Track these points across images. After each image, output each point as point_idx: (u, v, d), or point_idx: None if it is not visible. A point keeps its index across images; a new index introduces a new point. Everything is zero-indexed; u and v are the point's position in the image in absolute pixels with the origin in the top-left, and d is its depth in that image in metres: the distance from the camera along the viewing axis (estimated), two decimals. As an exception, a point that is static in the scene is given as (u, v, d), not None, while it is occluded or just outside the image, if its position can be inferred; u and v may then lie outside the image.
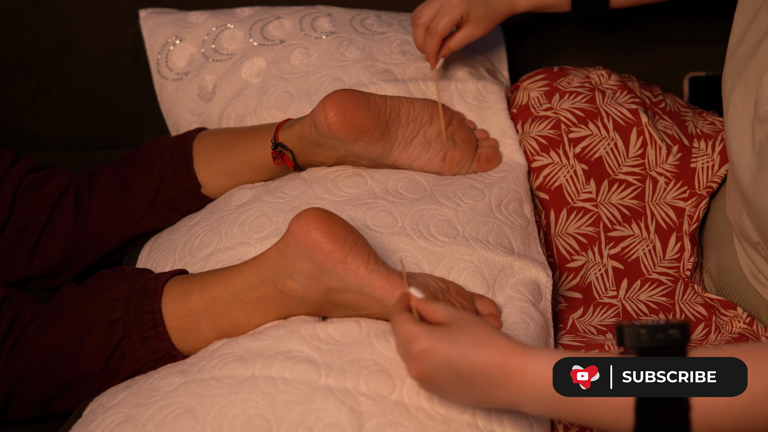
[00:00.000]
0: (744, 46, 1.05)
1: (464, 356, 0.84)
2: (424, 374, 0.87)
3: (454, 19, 1.25)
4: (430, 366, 0.86)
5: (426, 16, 1.25)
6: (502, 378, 0.84)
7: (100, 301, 1.07)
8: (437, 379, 0.86)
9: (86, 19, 1.56)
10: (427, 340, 0.86)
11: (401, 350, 0.90)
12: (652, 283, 1.22)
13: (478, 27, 1.27)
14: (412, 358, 0.87)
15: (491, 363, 0.84)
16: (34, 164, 1.35)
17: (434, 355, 0.85)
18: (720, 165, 1.25)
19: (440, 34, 1.25)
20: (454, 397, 0.90)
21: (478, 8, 1.26)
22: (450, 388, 0.87)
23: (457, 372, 0.85)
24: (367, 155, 1.18)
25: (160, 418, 0.94)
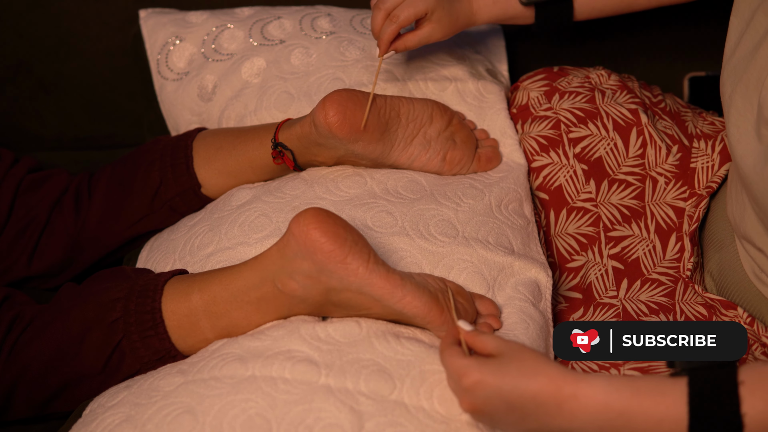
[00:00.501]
0: (742, 49, 1.05)
1: (515, 387, 0.85)
2: (475, 406, 0.87)
3: (418, 13, 1.20)
4: (482, 398, 0.86)
5: (390, 1, 1.21)
6: (554, 406, 0.84)
7: (100, 301, 1.07)
8: (489, 410, 0.87)
9: (86, 19, 1.56)
10: (477, 372, 0.86)
11: (452, 384, 0.90)
12: (652, 283, 1.22)
13: (438, 29, 1.23)
14: (464, 391, 0.87)
15: (542, 392, 0.84)
16: (34, 164, 1.35)
17: (485, 387, 0.86)
18: (720, 165, 1.25)
19: (400, 23, 1.20)
20: (507, 427, 0.89)
21: (443, 8, 1.22)
22: (503, 418, 0.87)
23: (509, 403, 0.85)
24: (367, 155, 1.18)
25: (160, 418, 0.94)
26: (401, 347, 0.98)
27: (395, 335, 1.00)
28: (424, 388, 0.95)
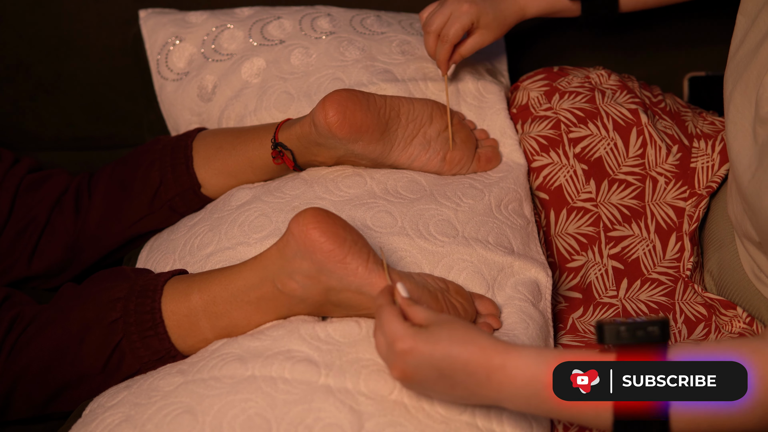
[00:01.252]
0: (745, 47, 1.05)
1: (446, 354, 0.85)
2: (406, 373, 0.88)
3: (464, 26, 1.24)
4: (412, 365, 0.87)
5: (437, 22, 1.25)
6: (484, 376, 0.85)
7: (100, 301, 1.07)
8: (419, 378, 0.87)
9: (86, 19, 1.56)
10: (411, 339, 0.87)
11: (382, 347, 0.90)
12: (652, 282, 1.22)
13: (488, 33, 1.27)
14: (395, 356, 0.88)
15: (472, 361, 0.85)
16: (34, 164, 1.35)
17: (416, 354, 0.86)
18: (720, 165, 1.25)
19: (451, 41, 1.25)
20: (437, 395, 0.91)
21: (488, 14, 1.26)
22: (433, 386, 0.88)
23: (439, 370, 0.86)
24: (367, 155, 1.18)
25: (159, 418, 0.94)
26: (401, 347, 0.98)
27: (395, 335, 1.00)
28: (424, 387, 0.95)
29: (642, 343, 0.83)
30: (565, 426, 0.99)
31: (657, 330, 0.83)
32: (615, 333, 0.83)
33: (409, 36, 1.39)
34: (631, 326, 0.83)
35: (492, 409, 0.95)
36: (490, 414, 0.95)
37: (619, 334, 0.83)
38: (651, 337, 0.83)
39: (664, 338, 0.83)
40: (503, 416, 0.95)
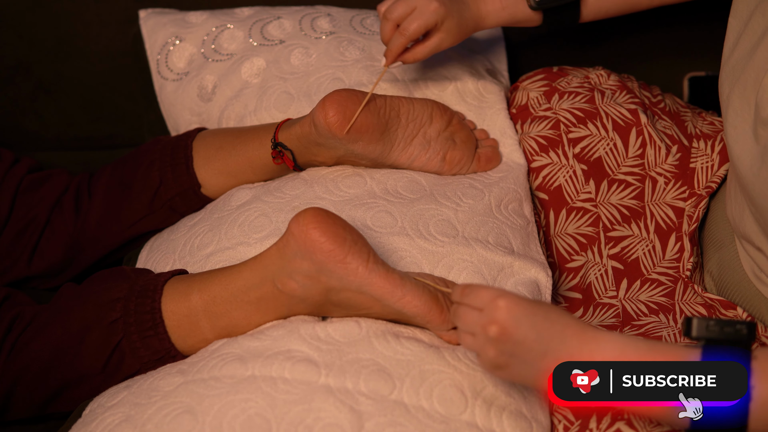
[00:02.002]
0: (739, 50, 1.05)
1: (546, 314, 0.86)
2: (507, 328, 0.86)
3: (428, 24, 1.19)
4: (514, 318, 0.86)
5: (399, 11, 1.19)
6: (576, 345, 0.85)
7: (100, 301, 1.07)
8: (518, 336, 0.86)
9: (86, 19, 1.56)
10: (512, 295, 0.87)
11: (473, 317, 0.89)
12: (652, 283, 1.22)
13: (448, 38, 1.22)
14: (496, 311, 0.86)
15: (570, 326, 0.86)
16: (34, 164, 1.35)
17: (520, 307, 0.86)
18: (719, 165, 1.25)
19: (410, 36, 1.20)
20: (522, 368, 0.88)
21: (453, 18, 1.21)
22: (525, 353, 0.87)
23: (538, 331, 0.86)
24: (367, 155, 1.18)
25: (159, 418, 0.94)
26: (401, 347, 0.98)
27: (395, 335, 1.00)
28: (424, 387, 0.95)
29: (729, 339, 0.84)
30: (565, 426, 0.99)
31: (745, 329, 0.84)
32: (704, 327, 0.84)
33: (409, 36, 1.39)
34: (720, 322, 0.84)
35: (492, 409, 0.95)
36: (490, 414, 0.95)
37: (708, 328, 0.84)
38: (739, 335, 0.84)
39: (751, 338, 0.84)
40: (503, 416, 0.95)
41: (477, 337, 0.89)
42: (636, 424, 0.92)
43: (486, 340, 0.88)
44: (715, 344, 0.84)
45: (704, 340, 0.85)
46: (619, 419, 0.93)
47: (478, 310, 0.89)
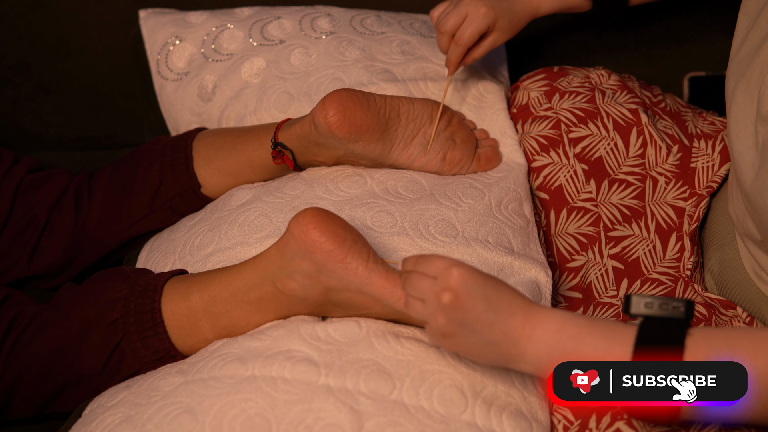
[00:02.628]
0: (747, 46, 1.05)
1: (496, 286, 0.88)
2: (459, 295, 0.87)
3: (480, 30, 1.22)
4: (466, 287, 0.87)
5: (451, 23, 1.23)
6: (521, 318, 0.87)
7: (100, 301, 1.07)
8: (468, 305, 0.87)
9: (86, 19, 1.56)
10: (466, 265, 0.89)
11: (426, 284, 0.90)
12: (653, 282, 1.22)
13: (502, 35, 1.26)
14: (449, 278, 0.88)
15: (516, 300, 0.88)
16: (34, 164, 1.35)
17: (472, 276, 0.88)
18: (720, 165, 1.25)
19: (465, 44, 1.23)
20: (471, 339, 0.89)
21: (504, 18, 1.24)
22: (473, 323, 0.88)
23: (488, 301, 0.87)
24: (367, 155, 1.18)
25: (159, 418, 0.94)
26: (401, 347, 0.98)
27: (395, 335, 1.00)
28: (424, 387, 0.95)
29: (667, 317, 0.85)
30: (565, 426, 0.99)
31: (682, 307, 0.85)
32: (641, 303, 0.86)
33: (409, 36, 1.39)
34: (658, 299, 0.85)
35: (492, 409, 0.95)
36: (490, 414, 0.95)
37: (646, 305, 0.86)
38: (676, 312, 0.85)
39: (689, 316, 0.85)
40: (503, 416, 0.95)
41: (428, 303, 0.90)
42: (636, 423, 0.92)
43: (437, 307, 0.89)
44: (653, 321, 0.85)
45: (643, 317, 0.86)
46: (618, 419, 0.93)
47: (431, 278, 0.90)
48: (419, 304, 0.91)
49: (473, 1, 1.22)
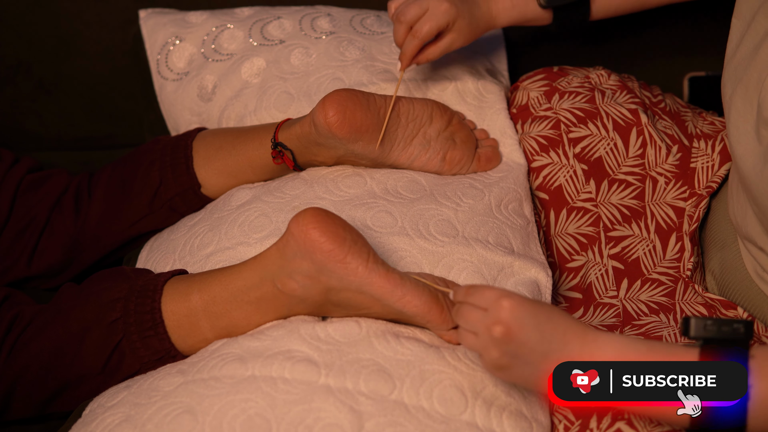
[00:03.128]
0: (742, 50, 1.05)
1: (549, 315, 0.87)
2: (511, 329, 0.86)
3: (440, 25, 1.21)
4: (518, 319, 0.86)
5: (411, 14, 1.21)
6: (578, 347, 0.86)
7: (100, 301, 1.07)
8: (521, 337, 0.86)
9: (86, 19, 1.56)
10: (517, 296, 0.87)
11: (477, 317, 0.89)
12: (653, 283, 1.22)
13: (459, 37, 1.24)
14: (500, 310, 0.86)
15: (572, 328, 0.87)
16: (34, 164, 1.34)
17: (524, 307, 0.86)
18: (720, 165, 1.25)
19: (423, 38, 1.21)
20: (524, 370, 0.88)
21: (464, 18, 1.22)
22: (528, 354, 0.87)
23: (541, 332, 0.86)
24: (367, 155, 1.18)
25: (159, 418, 0.94)
26: (401, 347, 0.98)
27: (395, 335, 1.00)
28: (424, 387, 0.95)
29: (727, 338, 0.84)
30: (565, 426, 0.99)
31: (742, 328, 0.84)
32: (701, 326, 0.85)
33: (409, 36, 1.39)
34: (718, 321, 0.85)
35: (492, 409, 0.95)
36: (490, 414, 0.95)
37: (705, 328, 0.85)
38: (737, 334, 0.84)
39: (748, 336, 0.84)
40: (503, 416, 0.95)
41: (480, 336, 0.89)
42: (636, 423, 0.92)
43: (489, 340, 0.88)
44: (713, 343, 0.84)
45: (702, 339, 0.85)
46: (619, 419, 0.93)
47: (482, 310, 0.89)
48: (472, 337, 0.90)
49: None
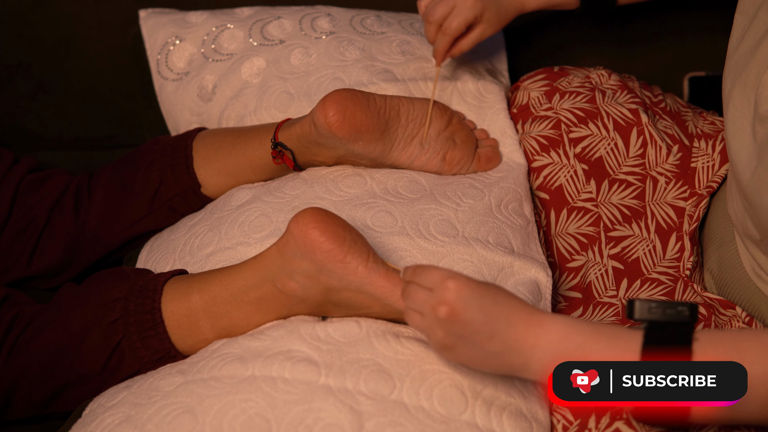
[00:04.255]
0: (743, 46, 1.05)
1: (494, 297, 0.87)
2: (456, 309, 0.86)
3: (468, 20, 1.24)
4: (464, 299, 0.86)
5: (439, 13, 1.24)
6: (522, 329, 0.86)
7: (100, 302, 1.07)
8: (466, 317, 0.86)
9: (86, 19, 1.56)
10: (462, 276, 0.88)
11: (423, 296, 0.89)
12: (652, 282, 1.22)
13: (489, 27, 1.27)
14: (445, 291, 0.87)
15: (516, 310, 0.87)
16: (34, 164, 1.35)
17: (469, 288, 0.87)
18: (720, 165, 1.25)
19: (453, 34, 1.24)
20: (470, 351, 0.89)
21: (491, 9, 1.25)
22: (472, 335, 0.87)
23: (485, 313, 0.86)
24: (367, 155, 1.18)
25: (159, 418, 0.94)
26: (401, 347, 0.98)
27: (395, 335, 1.00)
28: (424, 387, 0.95)
29: (671, 321, 0.85)
30: (564, 426, 0.99)
31: (687, 310, 0.85)
32: (646, 309, 0.85)
33: (409, 36, 1.39)
34: (662, 304, 0.85)
35: (492, 409, 0.95)
36: (490, 414, 0.95)
37: (650, 310, 0.85)
38: (681, 317, 0.85)
39: (693, 319, 0.85)
40: (503, 416, 0.95)
41: (425, 316, 0.89)
42: (635, 423, 0.92)
43: (435, 320, 0.88)
44: (658, 326, 0.85)
45: (647, 321, 0.86)
46: (617, 419, 0.93)
47: (427, 290, 0.89)
48: (418, 317, 0.90)
49: None
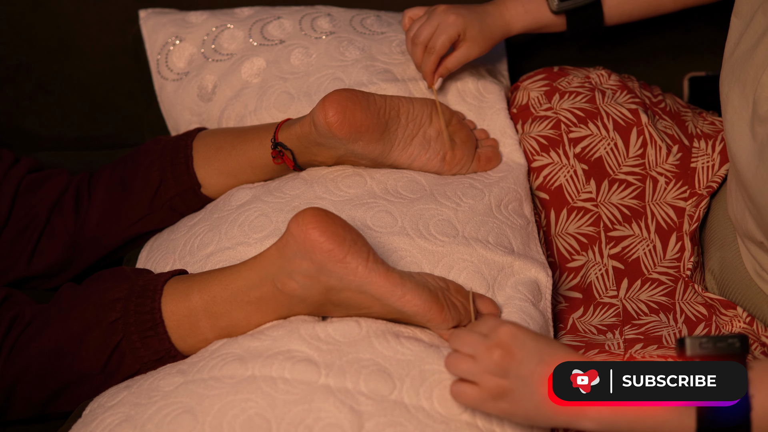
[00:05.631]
0: (741, 49, 1.05)
1: (550, 340, 0.89)
2: (511, 350, 0.87)
3: (451, 37, 1.24)
4: (520, 340, 0.87)
5: (425, 34, 1.25)
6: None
7: (100, 302, 1.07)
8: (521, 357, 0.87)
9: (86, 19, 1.56)
10: (514, 322, 0.89)
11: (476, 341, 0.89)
12: (653, 282, 1.22)
13: (474, 46, 1.27)
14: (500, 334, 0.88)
15: (571, 356, 0.87)
16: (34, 164, 1.35)
17: (525, 332, 0.88)
18: (720, 165, 1.25)
19: (438, 52, 1.25)
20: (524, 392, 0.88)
21: (474, 27, 1.26)
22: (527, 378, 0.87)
23: (540, 354, 0.87)
24: (367, 155, 1.18)
25: (159, 418, 0.94)
26: (401, 347, 0.98)
27: (395, 335, 1.00)
28: (424, 387, 0.95)
29: (723, 354, 0.84)
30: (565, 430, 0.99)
31: (737, 342, 0.85)
32: (697, 345, 0.85)
33: (409, 36, 1.39)
34: (713, 339, 0.85)
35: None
36: (491, 415, 0.95)
37: (701, 346, 0.85)
38: (732, 349, 0.85)
39: (744, 351, 0.84)
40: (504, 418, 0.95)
41: (478, 360, 0.89)
42: None
43: (489, 363, 0.88)
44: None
45: (700, 358, 0.85)
46: None
47: (482, 335, 0.90)
48: (468, 362, 0.90)
49: (443, 12, 1.25)
